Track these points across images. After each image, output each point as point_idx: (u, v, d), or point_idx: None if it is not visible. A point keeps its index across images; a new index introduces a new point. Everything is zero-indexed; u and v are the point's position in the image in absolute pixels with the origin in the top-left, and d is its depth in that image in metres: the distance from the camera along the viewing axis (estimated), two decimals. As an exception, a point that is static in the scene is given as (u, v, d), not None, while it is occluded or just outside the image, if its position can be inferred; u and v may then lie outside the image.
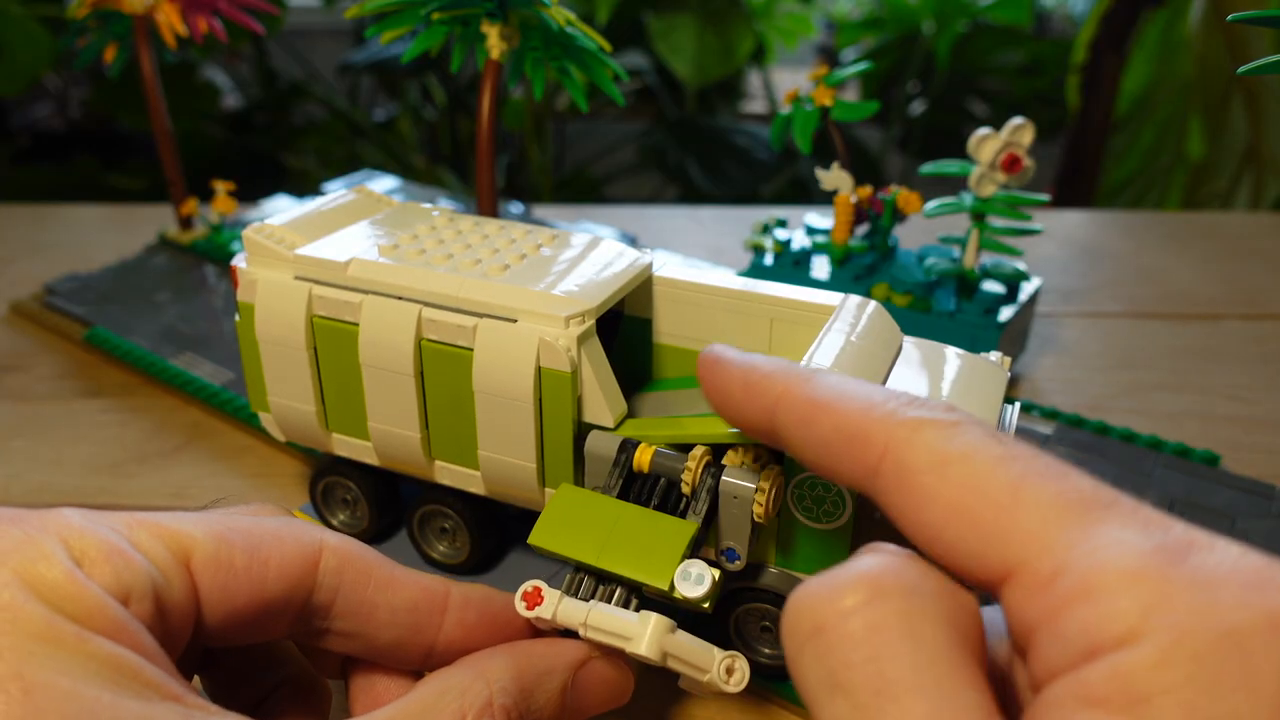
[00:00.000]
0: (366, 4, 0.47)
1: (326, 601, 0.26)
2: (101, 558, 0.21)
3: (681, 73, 1.53)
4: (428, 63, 1.53)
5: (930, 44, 1.74)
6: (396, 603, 0.26)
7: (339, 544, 0.26)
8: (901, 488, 0.20)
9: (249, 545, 0.24)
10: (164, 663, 0.21)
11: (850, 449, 0.21)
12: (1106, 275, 0.73)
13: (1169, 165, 1.32)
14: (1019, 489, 0.18)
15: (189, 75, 1.54)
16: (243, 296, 0.37)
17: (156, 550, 0.23)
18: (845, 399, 0.22)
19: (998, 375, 0.33)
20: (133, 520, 0.23)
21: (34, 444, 0.50)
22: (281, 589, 0.25)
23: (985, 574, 0.19)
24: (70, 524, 0.22)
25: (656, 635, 0.26)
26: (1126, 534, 0.17)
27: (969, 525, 0.19)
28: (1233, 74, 1.21)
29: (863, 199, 0.55)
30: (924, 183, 1.02)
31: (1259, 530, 0.42)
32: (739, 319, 0.36)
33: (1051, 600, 0.17)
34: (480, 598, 0.28)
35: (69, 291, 0.63)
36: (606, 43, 0.47)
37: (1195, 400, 0.55)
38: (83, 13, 0.62)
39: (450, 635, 0.27)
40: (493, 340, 0.32)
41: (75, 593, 0.20)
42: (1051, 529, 0.18)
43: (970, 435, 0.20)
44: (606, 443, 0.32)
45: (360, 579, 0.26)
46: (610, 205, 1.18)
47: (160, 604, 0.22)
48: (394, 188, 0.77)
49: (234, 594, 0.24)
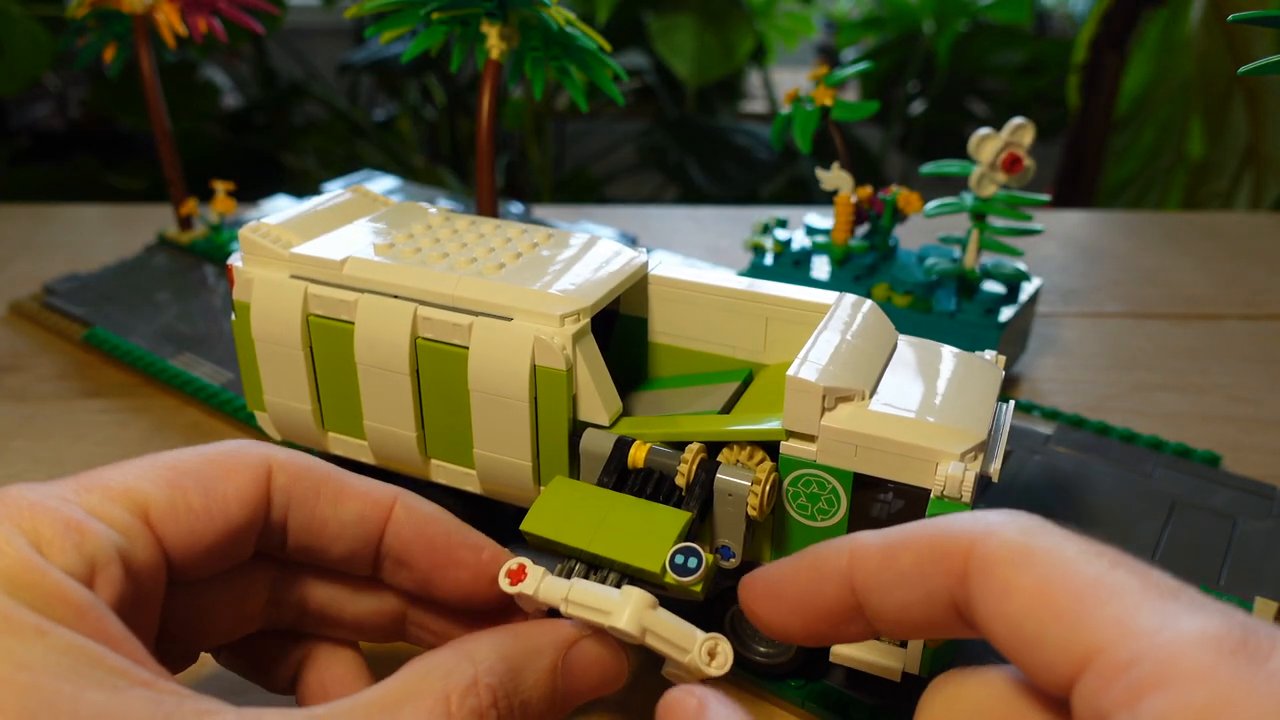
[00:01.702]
0: (366, 4, 0.47)
1: (280, 518, 0.26)
2: (58, 536, 0.21)
3: (681, 73, 1.53)
4: (428, 63, 1.53)
5: (930, 44, 1.74)
6: (344, 516, 0.27)
7: (287, 460, 0.27)
8: (985, 583, 0.20)
9: (202, 485, 0.25)
10: (131, 647, 0.21)
11: (936, 566, 0.21)
12: (1107, 275, 0.73)
13: (1169, 165, 1.32)
14: (1102, 579, 0.18)
15: (189, 75, 1.54)
16: (239, 295, 0.37)
17: (113, 513, 0.23)
18: (916, 528, 0.22)
19: (992, 373, 0.33)
20: (81, 486, 0.23)
21: (34, 444, 0.50)
22: (243, 517, 0.25)
23: (1065, 664, 0.18)
24: (22, 506, 0.22)
25: (637, 610, 0.26)
26: (1210, 624, 0.17)
27: (1051, 614, 0.19)
28: (1233, 74, 1.21)
29: (863, 199, 0.55)
30: (924, 183, 1.02)
31: (1259, 531, 0.42)
32: (734, 318, 0.36)
33: (1126, 688, 0.17)
34: (423, 516, 0.28)
35: (68, 291, 0.63)
36: (606, 43, 0.47)
37: (1196, 400, 0.55)
38: (82, 12, 0.62)
39: (389, 545, 0.28)
40: (488, 338, 0.32)
41: (33, 580, 0.20)
42: (1131, 616, 0.18)
43: (1053, 531, 0.20)
44: (602, 441, 0.32)
45: (309, 494, 0.27)
46: (610, 205, 1.18)
47: (128, 566, 0.22)
48: (394, 187, 0.77)
49: (199, 535, 0.24)
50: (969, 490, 0.27)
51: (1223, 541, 0.41)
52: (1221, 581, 0.39)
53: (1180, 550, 0.41)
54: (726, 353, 0.37)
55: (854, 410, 0.29)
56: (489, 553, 0.28)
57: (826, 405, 0.29)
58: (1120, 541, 0.20)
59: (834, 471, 0.30)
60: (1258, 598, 0.35)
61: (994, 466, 0.29)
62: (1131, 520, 0.43)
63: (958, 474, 0.27)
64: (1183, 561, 0.40)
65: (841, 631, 0.24)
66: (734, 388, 0.35)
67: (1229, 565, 0.40)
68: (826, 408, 0.29)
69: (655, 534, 0.28)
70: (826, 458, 0.30)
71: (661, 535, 0.28)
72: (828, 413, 0.29)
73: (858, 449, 0.29)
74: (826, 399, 0.29)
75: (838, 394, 0.29)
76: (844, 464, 0.29)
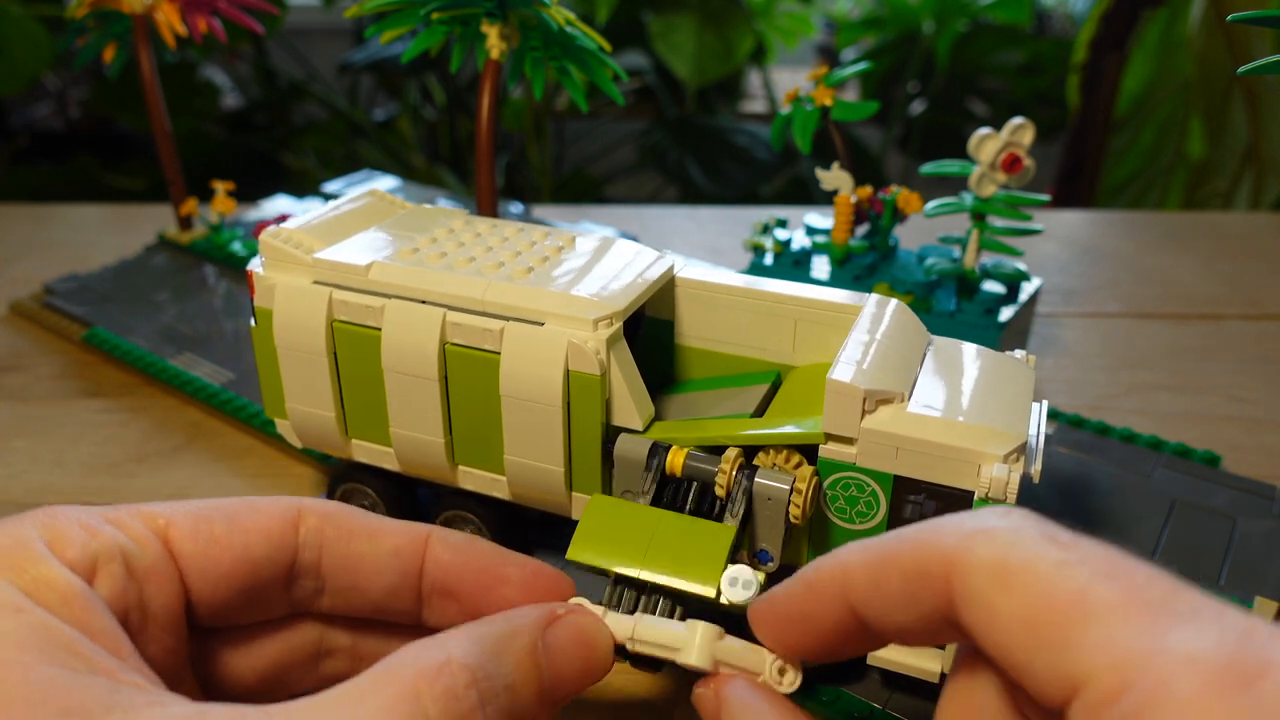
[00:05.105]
0: (366, 4, 0.47)
1: (313, 560, 0.27)
2: (70, 534, 0.23)
3: (681, 72, 1.53)
4: (427, 63, 1.53)
5: (930, 44, 1.74)
6: (380, 550, 0.27)
7: (316, 504, 0.27)
8: (969, 607, 0.19)
9: (227, 516, 0.26)
10: (114, 641, 0.22)
11: (923, 587, 0.20)
12: (1106, 275, 0.73)
13: (1169, 165, 1.32)
14: (1084, 597, 0.18)
15: (189, 75, 1.54)
16: (260, 302, 0.36)
17: (130, 523, 0.24)
18: (900, 545, 0.21)
19: (1026, 373, 0.32)
20: (117, 507, 0.25)
21: (34, 444, 0.50)
22: (265, 550, 0.26)
23: (1056, 691, 0.18)
24: (52, 513, 0.24)
25: (706, 643, 0.26)
26: (1200, 643, 0.16)
27: (1037, 640, 0.18)
28: (1233, 74, 1.21)
29: (863, 199, 0.55)
30: (924, 183, 1.02)
31: (1259, 531, 0.42)
32: (764, 320, 0.36)
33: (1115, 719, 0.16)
34: (460, 541, 0.28)
35: (68, 291, 0.63)
36: (606, 42, 0.47)
37: (1195, 400, 0.55)
38: (82, 12, 0.62)
39: (432, 576, 0.28)
40: (520, 343, 0.32)
41: (28, 566, 0.22)
42: (1117, 640, 0.17)
43: (1027, 542, 0.19)
44: (636, 446, 0.32)
45: (342, 533, 0.27)
46: (610, 205, 1.18)
47: (130, 567, 0.23)
48: (394, 187, 0.77)
49: (218, 559, 0.25)
50: (1013, 492, 0.27)
51: (1223, 541, 0.41)
52: (1221, 581, 0.39)
53: (1180, 550, 0.41)
54: (754, 355, 0.37)
55: (894, 412, 0.29)
56: (532, 567, 0.28)
57: (867, 408, 0.29)
58: (1120, 542, 0.19)
59: (874, 474, 0.30)
60: (1258, 597, 0.35)
61: (1035, 467, 0.29)
62: (1131, 520, 0.43)
63: (1002, 476, 0.27)
64: (1183, 561, 0.40)
65: (857, 646, 0.24)
66: (764, 390, 0.35)
67: (1229, 565, 0.40)
68: (867, 410, 0.29)
69: (705, 553, 0.28)
70: (866, 460, 0.29)
71: (711, 554, 0.28)
72: (868, 415, 0.29)
73: (898, 451, 0.29)
74: (867, 402, 0.29)
75: (878, 396, 0.29)
76: (884, 466, 0.29)
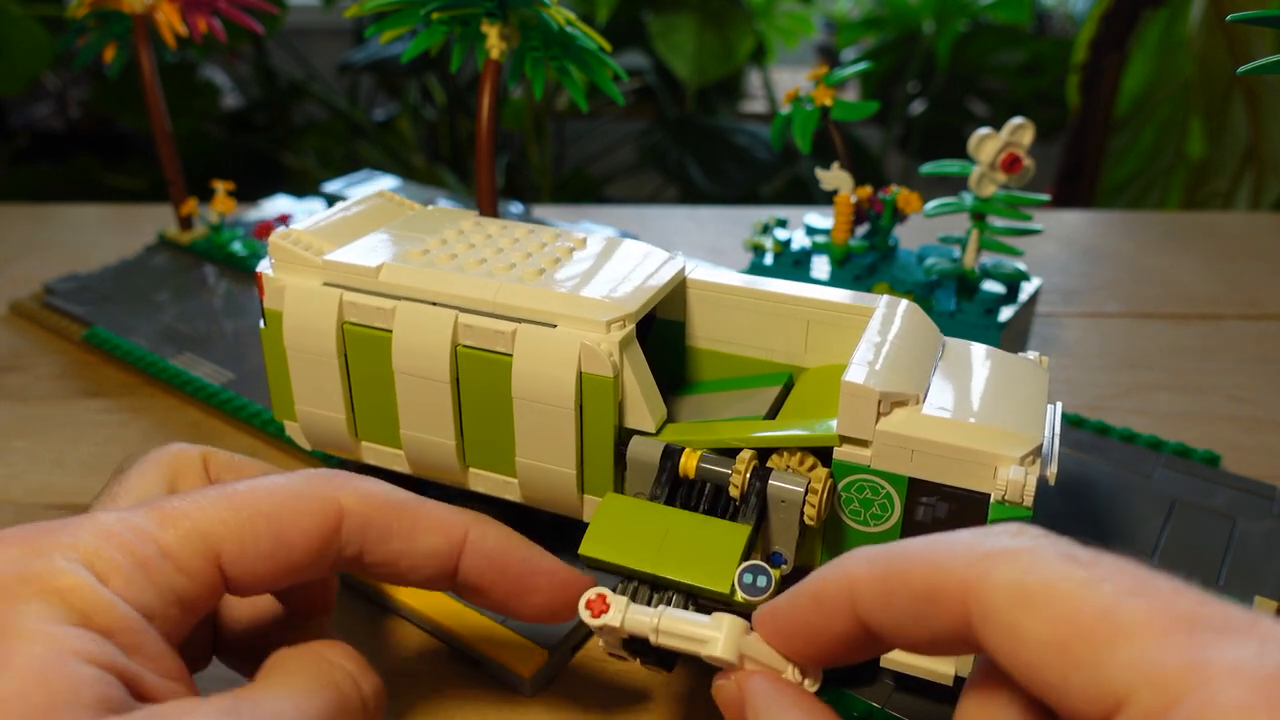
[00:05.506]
0: (366, 4, 0.47)
1: (354, 554, 0.27)
2: (126, 567, 0.23)
3: (681, 72, 1.53)
4: (427, 63, 1.53)
5: (930, 44, 1.74)
6: (418, 550, 0.28)
7: (357, 506, 0.27)
8: (991, 630, 0.19)
9: (273, 530, 0.25)
10: (170, 664, 0.23)
11: (936, 609, 0.20)
12: (1106, 275, 0.73)
13: (1169, 165, 1.32)
14: (1112, 615, 0.18)
15: (189, 75, 1.54)
16: (270, 304, 0.36)
17: (187, 556, 0.24)
18: (910, 562, 0.21)
19: (1039, 375, 0.32)
20: (164, 519, 0.24)
21: (34, 444, 0.50)
22: (307, 559, 0.26)
23: (1094, 710, 0.18)
24: (98, 533, 0.23)
25: (733, 637, 0.25)
26: (1240, 654, 0.16)
27: (1068, 661, 0.18)
28: (1233, 74, 1.21)
29: (863, 199, 0.55)
30: (924, 183, 1.02)
31: (1259, 531, 0.42)
32: (775, 321, 0.36)
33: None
34: (495, 546, 0.28)
35: (69, 291, 0.63)
36: (606, 42, 0.47)
37: (1195, 400, 0.55)
38: (82, 12, 0.62)
39: (465, 576, 0.28)
40: (532, 345, 0.32)
41: (100, 620, 0.22)
42: (1154, 656, 0.17)
43: (1047, 562, 0.19)
44: (649, 448, 0.31)
45: (381, 536, 0.27)
46: (610, 205, 1.18)
47: (184, 606, 0.24)
48: (394, 187, 0.77)
49: (261, 575, 0.25)
50: (1030, 494, 0.27)
51: (1223, 541, 0.41)
52: (1221, 581, 0.39)
53: (1180, 550, 0.41)
54: (766, 356, 0.37)
55: (909, 414, 0.29)
56: (562, 576, 0.29)
57: (882, 410, 0.29)
58: (1120, 542, 0.19)
59: (889, 476, 0.29)
60: (1258, 597, 0.35)
61: (1051, 469, 0.29)
62: (1131, 520, 0.42)
63: (1019, 478, 0.27)
64: (1183, 561, 0.40)
65: (866, 653, 0.23)
66: (776, 392, 0.35)
67: (1229, 565, 0.40)
68: (882, 412, 0.29)
69: (718, 552, 0.28)
70: (881, 463, 0.29)
71: (725, 553, 0.28)
72: (883, 417, 0.29)
73: (913, 454, 0.29)
74: (882, 404, 0.29)
75: (893, 398, 0.29)
76: (899, 469, 0.29)
